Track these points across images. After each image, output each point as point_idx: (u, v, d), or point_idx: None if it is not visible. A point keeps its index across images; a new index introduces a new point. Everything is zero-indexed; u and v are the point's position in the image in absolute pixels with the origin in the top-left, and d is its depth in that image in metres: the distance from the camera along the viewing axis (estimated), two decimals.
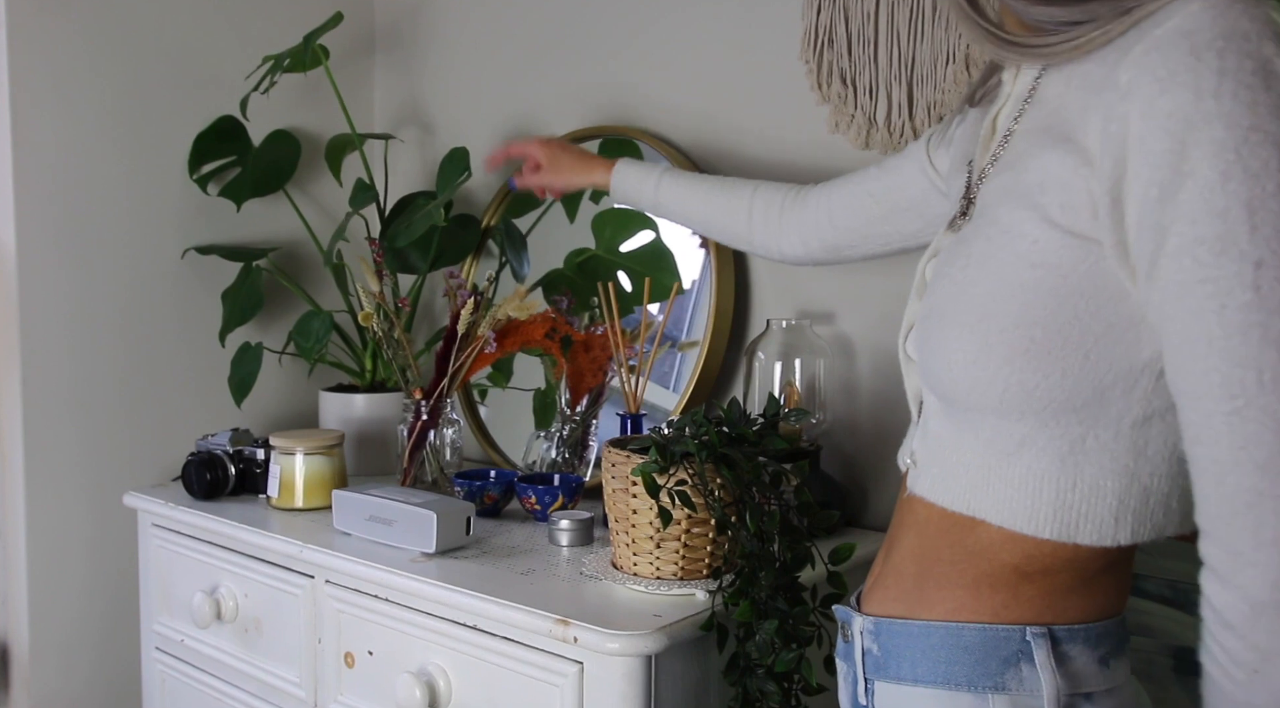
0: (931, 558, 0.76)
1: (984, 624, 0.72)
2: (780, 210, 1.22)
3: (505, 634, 1.10)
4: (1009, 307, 0.67)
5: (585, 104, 1.72)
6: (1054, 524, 0.70)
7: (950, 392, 0.73)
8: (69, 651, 1.66)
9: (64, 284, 1.63)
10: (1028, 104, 0.74)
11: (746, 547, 1.05)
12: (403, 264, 1.74)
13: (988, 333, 0.68)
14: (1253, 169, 0.57)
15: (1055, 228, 0.66)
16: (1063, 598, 0.72)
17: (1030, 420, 0.69)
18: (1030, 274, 0.67)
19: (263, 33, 1.81)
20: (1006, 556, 0.72)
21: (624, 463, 1.11)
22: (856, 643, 0.80)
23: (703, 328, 1.54)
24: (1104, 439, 0.68)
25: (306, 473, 1.46)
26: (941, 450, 0.76)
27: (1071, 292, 0.66)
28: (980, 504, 0.73)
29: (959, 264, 0.72)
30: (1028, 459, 0.70)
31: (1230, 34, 0.58)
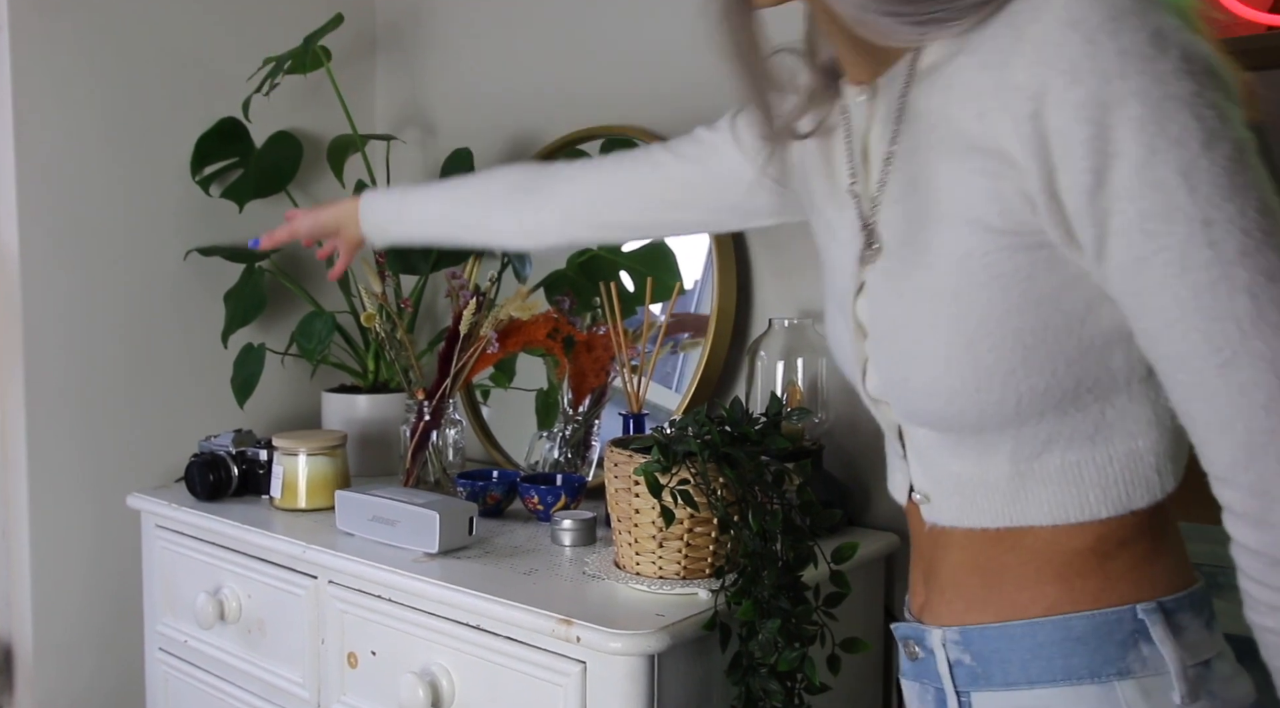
0: (993, 567, 0.74)
1: (1090, 611, 0.70)
2: (533, 184, 1.14)
3: (508, 634, 1.10)
4: (988, 324, 0.67)
5: (586, 104, 1.72)
6: (1106, 502, 0.70)
7: (957, 423, 0.71)
8: (72, 651, 1.66)
9: (67, 286, 1.63)
10: (901, 123, 0.73)
11: (749, 546, 1.05)
12: (405, 265, 1.74)
13: (978, 356, 0.67)
14: (1174, 136, 0.58)
15: (1002, 234, 0.65)
16: (1150, 567, 0.71)
17: (1050, 418, 0.69)
18: (996, 285, 0.66)
19: (264, 34, 1.81)
20: (1076, 544, 0.71)
21: (626, 462, 1.11)
22: (939, 657, 0.76)
23: (704, 327, 1.54)
24: (1120, 405, 0.69)
25: (309, 474, 1.47)
26: (957, 479, 0.75)
27: (1040, 286, 0.66)
28: (1024, 514, 0.72)
29: (905, 299, 0.71)
30: (1059, 453, 0.70)
31: (1116, 13, 0.59)
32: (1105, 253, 0.62)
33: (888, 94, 0.74)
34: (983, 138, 0.65)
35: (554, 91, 1.78)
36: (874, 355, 0.77)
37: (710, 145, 1.02)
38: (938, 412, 0.71)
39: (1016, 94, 0.62)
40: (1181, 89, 0.58)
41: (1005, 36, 0.63)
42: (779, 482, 1.07)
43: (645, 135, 1.61)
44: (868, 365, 0.79)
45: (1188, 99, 0.58)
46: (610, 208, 1.09)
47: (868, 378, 0.79)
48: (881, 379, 0.77)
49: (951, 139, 0.67)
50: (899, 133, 0.73)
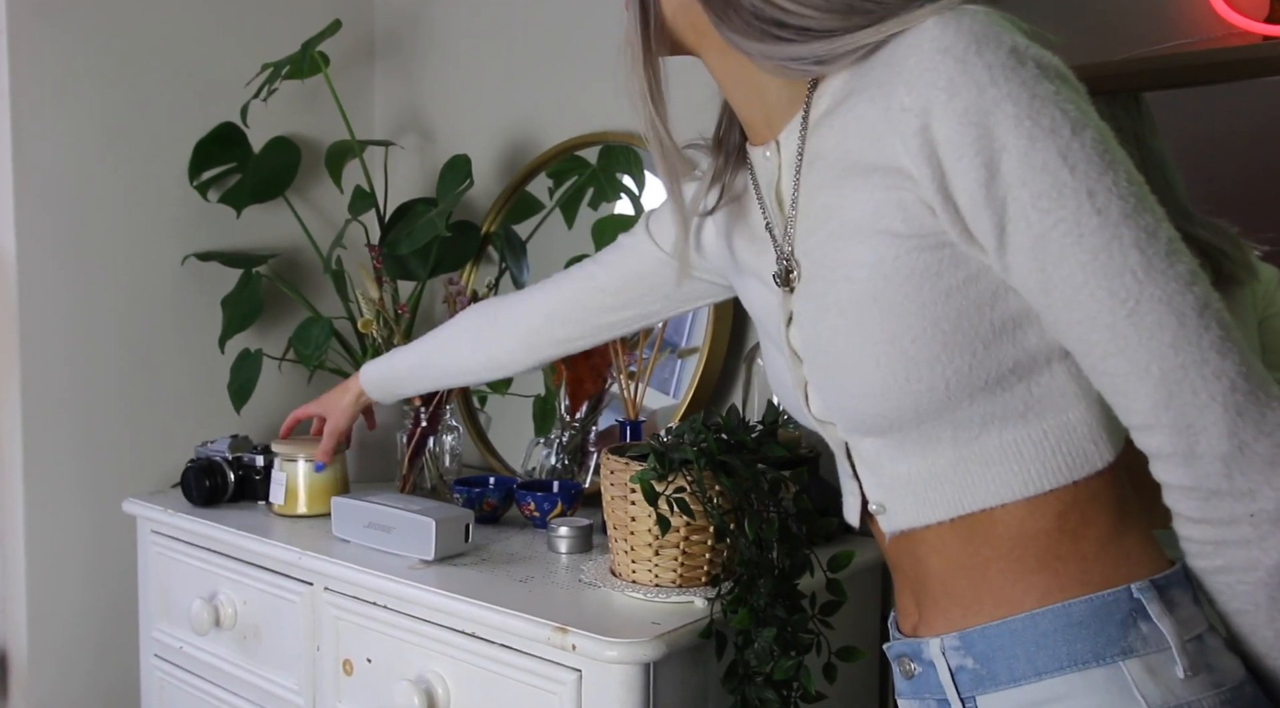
0: (975, 564, 0.76)
1: (1085, 596, 0.72)
2: (493, 322, 1.23)
3: (504, 642, 1.10)
4: (908, 318, 0.72)
5: (585, 111, 1.73)
6: (1046, 475, 0.73)
7: (894, 420, 0.75)
8: (68, 657, 1.66)
9: (64, 290, 1.63)
10: (802, 167, 0.80)
11: (745, 554, 1.05)
12: (402, 271, 1.74)
13: (904, 348, 0.72)
14: (1047, 126, 0.66)
15: (906, 239, 0.72)
16: (1120, 544, 0.73)
17: (980, 399, 0.73)
18: (909, 284, 0.72)
19: (262, 40, 1.81)
20: (1041, 523, 0.74)
21: (622, 470, 1.11)
22: (939, 667, 0.77)
23: (702, 334, 1.54)
24: (1045, 382, 0.73)
25: (310, 480, 1.46)
26: (907, 480, 0.78)
27: (948, 280, 0.71)
28: (974, 498, 0.75)
29: (831, 314, 0.76)
30: (995, 433, 0.73)
31: (977, 36, 0.67)
32: (1006, 238, 0.68)
33: (789, 144, 0.82)
34: (879, 159, 0.72)
35: (552, 98, 1.78)
36: (812, 377, 0.82)
37: (630, 248, 1.12)
38: (877, 411, 0.76)
39: (903, 116, 0.69)
40: (1043, 89, 0.67)
41: (885, 72, 0.71)
42: (775, 490, 1.07)
43: (643, 143, 1.61)
44: (808, 389, 0.84)
45: (1050, 97, 0.66)
46: (563, 324, 1.17)
47: (810, 401, 0.84)
48: (822, 397, 0.82)
49: (853, 167, 0.75)
50: (804, 172, 0.81)
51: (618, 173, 1.67)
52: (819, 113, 0.79)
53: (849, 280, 0.75)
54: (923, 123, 0.69)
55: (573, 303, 1.16)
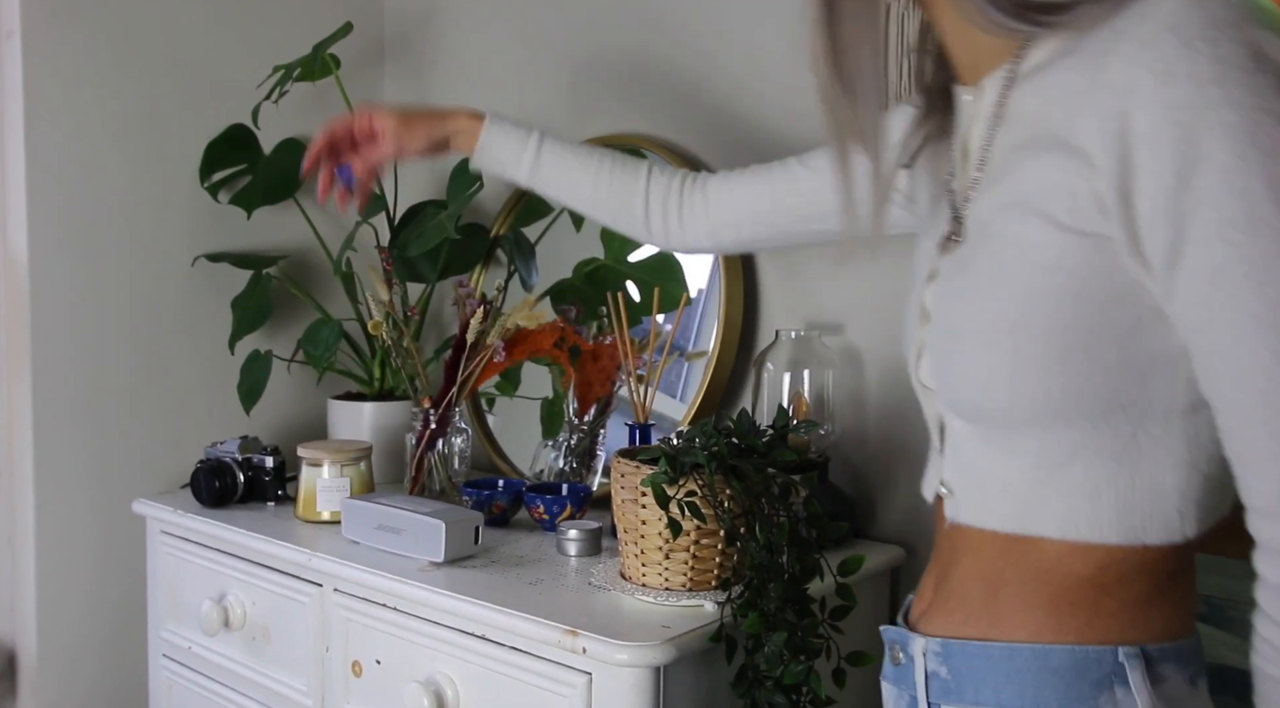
0: (997, 580, 0.73)
1: (1071, 645, 0.70)
2: (681, 199, 1.17)
3: (513, 644, 1.10)
4: (1035, 315, 0.67)
5: (594, 113, 1.73)
6: (1119, 527, 0.69)
7: (987, 411, 0.71)
8: (76, 657, 1.66)
9: (75, 291, 1.63)
10: (998, 123, 0.74)
11: (755, 558, 1.05)
12: (412, 273, 1.74)
13: (1018, 345, 0.67)
14: (1266, 147, 0.57)
15: (1065, 231, 0.66)
16: (1143, 611, 0.70)
17: (1080, 425, 0.68)
18: (1049, 279, 0.66)
19: (273, 42, 1.82)
20: (1078, 568, 0.70)
21: (633, 473, 1.11)
22: (917, 665, 0.77)
23: (711, 338, 1.54)
24: (1155, 434, 0.67)
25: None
26: (980, 475, 0.75)
27: (1094, 290, 0.65)
28: (1037, 521, 0.71)
29: (969, 283, 0.72)
30: (1082, 466, 0.69)
31: (1218, 23, 0.59)
32: (1179, 261, 0.61)
33: (990, 95, 0.75)
34: (1068, 136, 0.65)
35: (562, 100, 1.78)
36: (930, 339, 0.78)
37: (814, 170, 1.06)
38: (972, 397, 0.72)
39: (1107, 91, 0.62)
40: (1277, 105, 0.57)
41: (1106, 38, 0.64)
42: (786, 494, 1.07)
43: (653, 145, 1.62)
44: (923, 350, 0.80)
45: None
46: (753, 226, 1.13)
47: (921, 363, 0.80)
48: (932, 363, 0.78)
49: (1041, 137, 0.68)
50: (996, 131, 0.73)
51: None
52: (1029, 66, 0.71)
53: (994, 256, 0.70)
54: (1123, 106, 0.61)
55: (774, 203, 1.10)
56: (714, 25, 1.58)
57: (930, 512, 0.85)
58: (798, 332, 1.42)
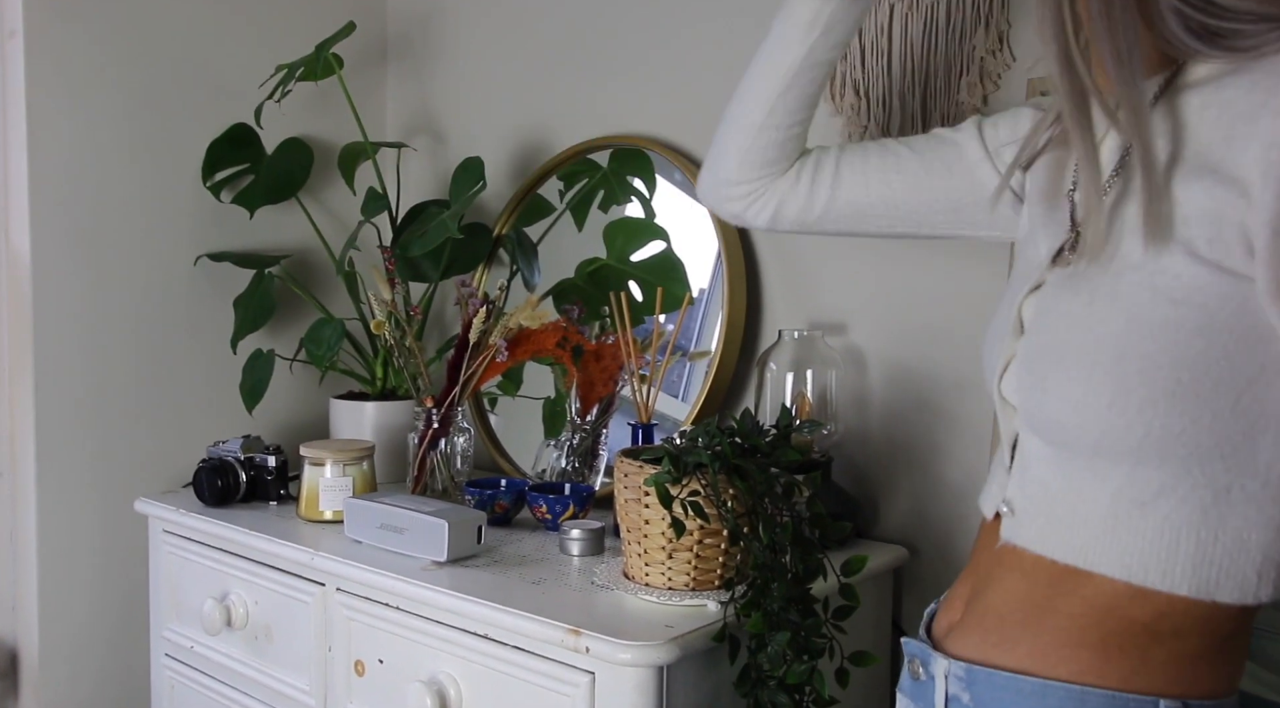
0: (1045, 607, 0.71)
1: (1112, 692, 0.67)
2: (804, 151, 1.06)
3: (516, 644, 1.10)
4: (1149, 346, 0.64)
5: (597, 113, 1.73)
6: (1192, 580, 0.66)
7: (1073, 437, 0.68)
8: (79, 656, 1.66)
9: (78, 290, 1.63)
10: (1156, 133, 0.69)
11: (759, 558, 1.05)
12: (414, 272, 1.74)
13: (1125, 374, 0.64)
14: None
15: (1201, 263, 0.62)
16: (1193, 666, 0.67)
17: (1172, 467, 0.65)
18: (1172, 311, 0.63)
19: (276, 42, 1.82)
20: (1135, 612, 0.67)
21: (637, 473, 1.11)
22: (938, 686, 0.75)
23: (713, 338, 1.54)
24: (1251, 490, 0.65)
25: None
26: (1050, 500, 0.72)
27: (1219, 330, 0.62)
28: (1103, 558, 0.68)
29: (1080, 300, 0.69)
30: (1165, 509, 0.66)
31: None
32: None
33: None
34: (1224, 162, 0.62)
35: (564, 100, 1.78)
36: (1022, 353, 0.75)
37: (952, 142, 0.98)
38: (1062, 420, 0.69)
39: (1275, 121, 0.59)
40: None
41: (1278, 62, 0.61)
42: (789, 494, 1.07)
43: (655, 145, 1.62)
44: (1011, 363, 0.77)
45: None
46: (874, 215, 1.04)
47: (1006, 376, 0.77)
48: (1020, 378, 0.74)
49: (1191, 159, 0.65)
50: (1135, 145, 0.69)
51: (628, 176, 1.68)
52: (1190, 79, 0.68)
53: (1117, 276, 0.66)
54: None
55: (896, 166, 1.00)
56: (717, 26, 1.58)
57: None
58: (801, 331, 1.42)
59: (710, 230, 1.54)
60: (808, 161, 1.05)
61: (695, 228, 1.58)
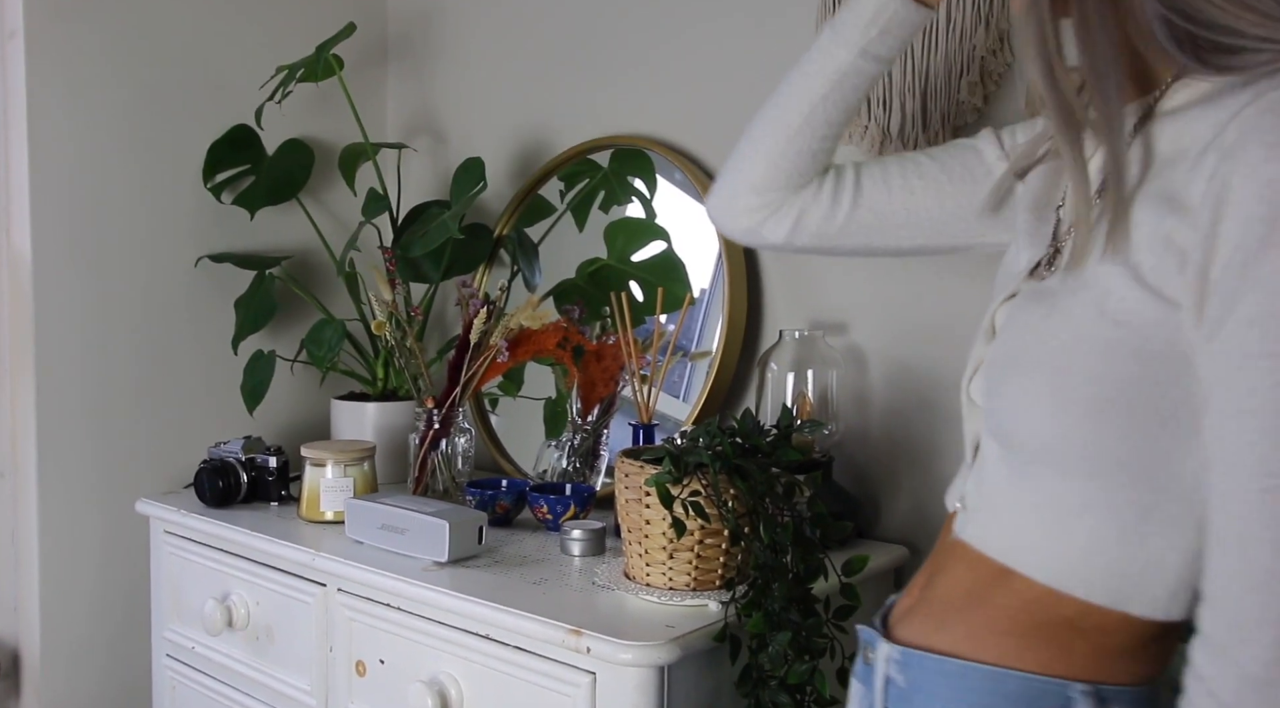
0: (981, 598, 0.74)
1: (1030, 674, 0.70)
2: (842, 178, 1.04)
3: (517, 644, 1.10)
4: (1091, 362, 0.67)
5: (598, 113, 1.73)
6: (1105, 591, 0.69)
7: (1021, 442, 0.72)
8: (80, 657, 1.66)
9: (79, 291, 1.64)
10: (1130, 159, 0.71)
11: (760, 558, 1.05)
12: (415, 273, 1.74)
13: (1065, 388, 0.67)
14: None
15: (1144, 288, 0.65)
16: (1114, 659, 0.70)
17: (1100, 482, 0.68)
18: (1113, 333, 0.66)
19: (276, 43, 1.82)
20: (1062, 609, 0.71)
21: (638, 473, 1.11)
22: (878, 670, 0.78)
23: (714, 338, 1.54)
24: (1173, 512, 0.67)
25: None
26: (995, 499, 0.76)
27: (1153, 355, 0.65)
28: (1030, 560, 0.72)
29: (1039, 311, 0.71)
30: (1090, 522, 0.69)
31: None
32: (1220, 333, 0.61)
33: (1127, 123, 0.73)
34: (1181, 191, 0.64)
35: (565, 101, 1.78)
36: (989, 358, 0.78)
37: (971, 147, 1.00)
38: (1010, 425, 0.72)
39: (1219, 152, 0.61)
40: None
41: (1244, 97, 0.63)
42: (790, 494, 1.07)
43: (656, 146, 1.62)
44: (980, 367, 0.80)
45: None
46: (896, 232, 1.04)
47: (974, 379, 0.81)
48: (985, 382, 0.78)
49: (1153, 185, 0.67)
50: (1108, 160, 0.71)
51: (629, 176, 1.68)
52: (1169, 106, 0.70)
53: (1073, 293, 0.69)
54: (1227, 169, 0.60)
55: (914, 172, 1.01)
56: (718, 26, 1.58)
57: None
58: (801, 332, 1.42)
59: (711, 231, 1.54)
60: (828, 175, 1.04)
61: (696, 228, 1.58)
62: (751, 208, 1.04)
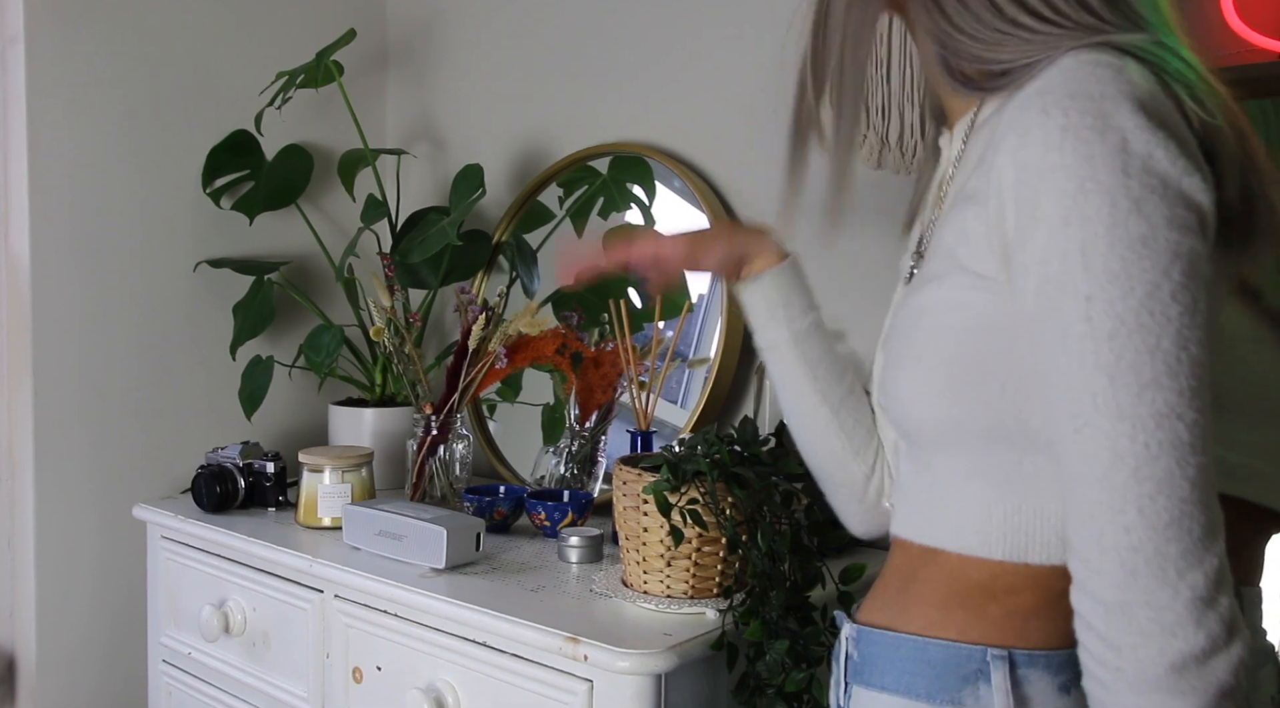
0: (911, 577, 0.81)
1: (948, 642, 0.76)
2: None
3: (515, 651, 1.10)
4: (938, 346, 0.75)
5: (597, 120, 1.73)
6: (1004, 546, 0.75)
7: (911, 430, 0.80)
8: (76, 662, 1.66)
9: (77, 296, 1.64)
10: (956, 168, 0.81)
11: (757, 566, 1.05)
12: (414, 279, 1.74)
13: (923, 370, 0.76)
14: (1086, 214, 0.63)
15: (967, 273, 0.73)
16: (1026, 620, 0.75)
17: (971, 450, 0.75)
18: (952, 316, 0.74)
19: (277, 49, 1.82)
20: (975, 574, 0.77)
21: (636, 481, 1.11)
22: (842, 648, 0.85)
23: (713, 345, 1.54)
24: (1039, 463, 0.73)
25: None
26: (905, 490, 0.84)
27: (984, 330, 0.72)
28: (939, 534, 0.78)
29: (905, 313, 0.80)
30: (975, 488, 0.76)
31: (1075, 93, 0.65)
32: (1022, 304, 0.68)
33: (956, 142, 0.82)
34: (977, 186, 0.72)
35: (565, 107, 1.78)
36: (880, 363, 0.86)
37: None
38: (896, 415, 0.81)
39: (995, 148, 0.69)
40: (1110, 175, 0.63)
41: (1023, 95, 0.69)
42: (788, 502, 1.07)
43: (655, 153, 1.62)
44: (878, 372, 0.88)
45: (1114, 186, 0.63)
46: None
47: (875, 386, 0.89)
48: (878, 384, 0.86)
49: (966, 185, 0.75)
50: (954, 177, 0.81)
51: (628, 183, 1.68)
52: (981, 119, 0.79)
53: (918, 290, 0.78)
54: (999, 160, 0.68)
55: None
56: (717, 34, 1.58)
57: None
58: None
59: None
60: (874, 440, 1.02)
61: None
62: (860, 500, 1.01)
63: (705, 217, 1.54)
